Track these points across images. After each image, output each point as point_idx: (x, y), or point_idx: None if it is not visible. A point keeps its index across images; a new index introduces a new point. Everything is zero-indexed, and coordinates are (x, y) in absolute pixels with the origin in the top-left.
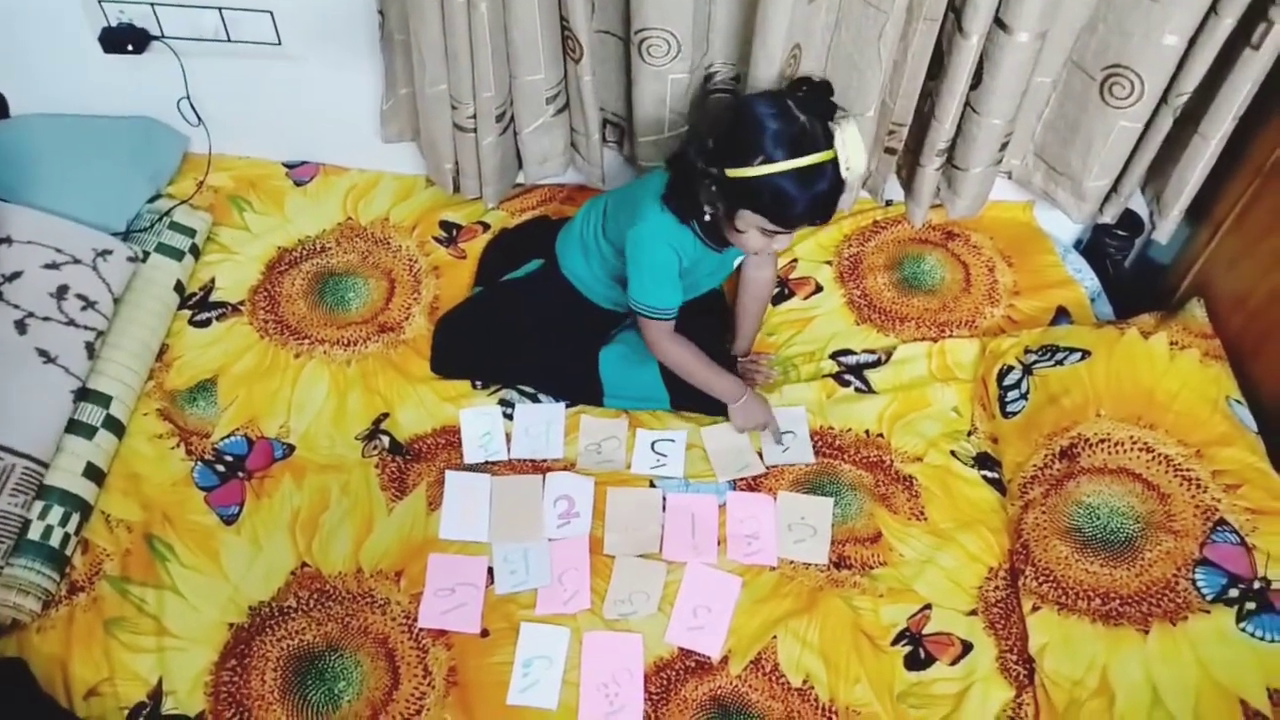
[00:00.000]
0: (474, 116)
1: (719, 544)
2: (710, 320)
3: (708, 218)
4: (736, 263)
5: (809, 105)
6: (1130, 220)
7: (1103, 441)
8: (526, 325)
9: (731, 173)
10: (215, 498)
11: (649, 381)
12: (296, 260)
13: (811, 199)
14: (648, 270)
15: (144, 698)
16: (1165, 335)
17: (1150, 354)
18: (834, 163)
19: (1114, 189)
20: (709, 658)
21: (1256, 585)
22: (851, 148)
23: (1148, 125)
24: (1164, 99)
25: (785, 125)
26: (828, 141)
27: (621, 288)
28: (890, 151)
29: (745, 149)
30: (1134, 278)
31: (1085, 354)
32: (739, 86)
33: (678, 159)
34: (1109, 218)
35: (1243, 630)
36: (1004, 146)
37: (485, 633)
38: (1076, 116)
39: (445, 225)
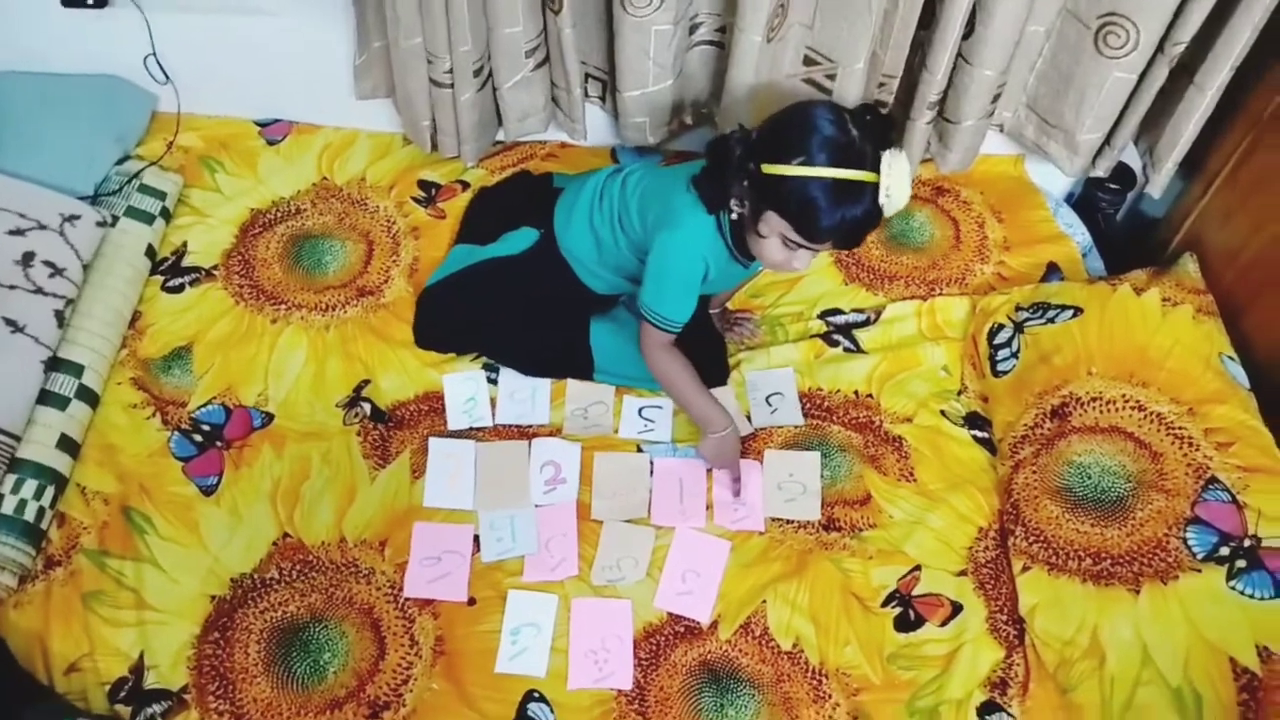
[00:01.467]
0: (451, 71)
1: (707, 509)
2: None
3: (734, 214)
4: (753, 274)
5: (867, 126)
6: (1122, 174)
7: (1094, 400)
8: (516, 304)
9: (767, 168)
10: (193, 468)
11: (640, 363)
12: (271, 223)
13: (841, 216)
14: (671, 279)
15: (125, 673)
16: (1157, 291)
17: (1142, 310)
18: (874, 188)
19: (1107, 142)
20: (698, 623)
21: (1247, 543)
22: (896, 178)
23: (1142, 76)
24: (1160, 48)
25: (836, 134)
26: (875, 165)
27: (627, 281)
28: (880, 105)
29: (787, 146)
30: (1126, 232)
31: (1077, 311)
32: (724, 38)
33: (718, 144)
34: (1101, 171)
35: (1233, 588)
36: (996, 99)
37: (472, 601)
38: (1070, 67)
39: (424, 185)
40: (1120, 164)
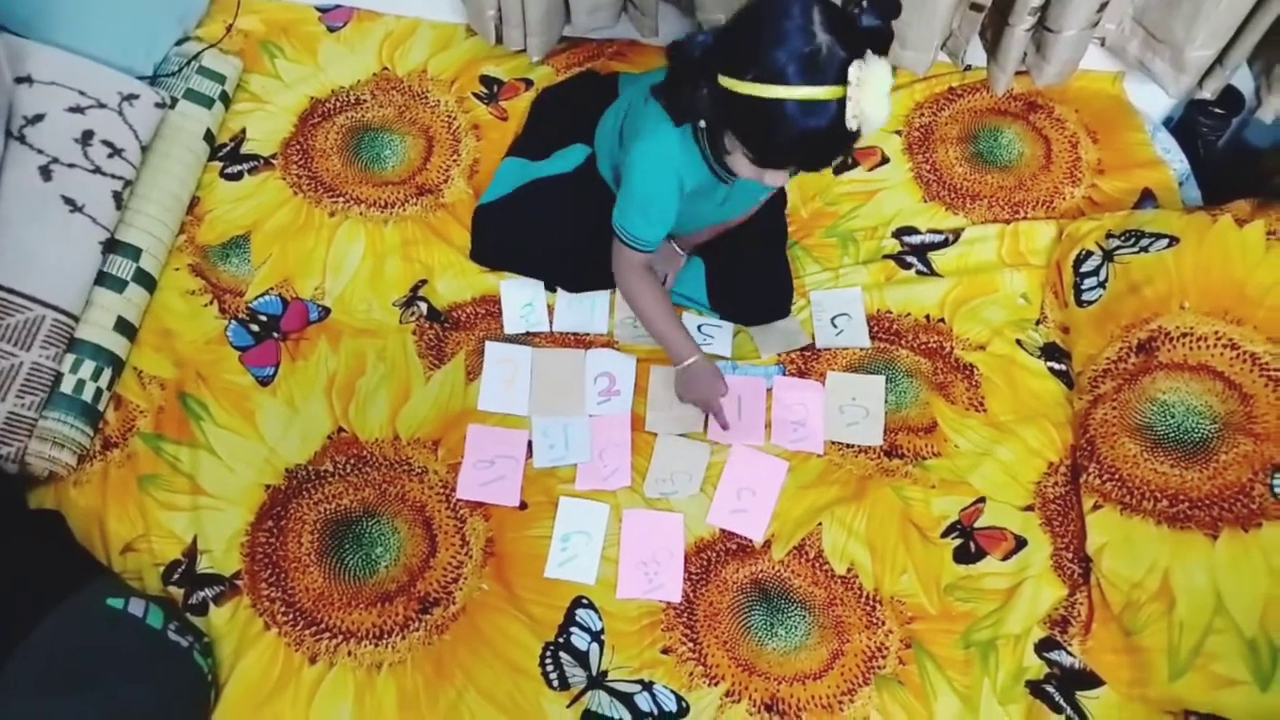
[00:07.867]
0: None
1: (765, 427)
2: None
3: (703, 124)
4: (763, 197)
5: (843, 28)
6: (1228, 97)
7: (1184, 336)
8: (568, 225)
9: (723, 81)
10: (250, 358)
11: (696, 285)
12: (330, 112)
13: (799, 139)
14: (638, 195)
15: (179, 556)
16: (1262, 224)
17: (1244, 244)
18: (841, 104)
19: (1218, 61)
20: (751, 541)
21: None
22: (869, 94)
23: None
24: None
25: (798, 42)
26: (843, 76)
27: None
28: (976, 8)
29: (742, 57)
30: (1226, 161)
31: (1172, 241)
32: None
33: (677, 47)
34: (1209, 93)
35: None
36: (1102, 7)
37: (524, 505)
38: None
39: (486, 80)
40: (1228, 87)
